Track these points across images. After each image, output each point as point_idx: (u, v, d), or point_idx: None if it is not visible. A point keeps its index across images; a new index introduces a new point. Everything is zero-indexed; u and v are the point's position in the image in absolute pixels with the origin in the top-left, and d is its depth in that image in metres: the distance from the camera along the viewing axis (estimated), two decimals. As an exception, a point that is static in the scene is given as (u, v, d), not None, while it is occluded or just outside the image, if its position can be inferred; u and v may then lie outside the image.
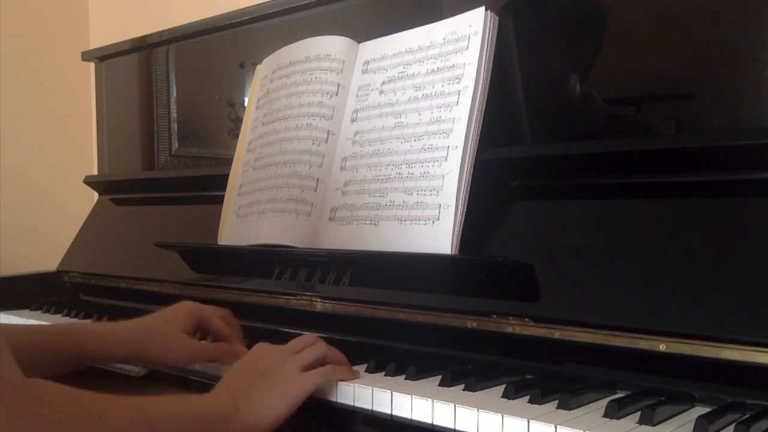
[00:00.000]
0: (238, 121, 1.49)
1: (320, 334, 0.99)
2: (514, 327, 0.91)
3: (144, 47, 1.75)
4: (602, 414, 0.73)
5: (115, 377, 1.07)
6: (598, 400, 0.79)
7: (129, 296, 1.50)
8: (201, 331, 1.08)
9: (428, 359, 0.95)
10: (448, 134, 1.01)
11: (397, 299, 1.02)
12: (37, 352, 0.91)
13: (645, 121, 0.99)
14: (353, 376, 0.88)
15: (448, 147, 1.00)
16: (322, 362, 0.89)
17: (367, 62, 1.17)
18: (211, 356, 1.01)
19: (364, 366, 0.93)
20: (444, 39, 1.07)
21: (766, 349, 0.73)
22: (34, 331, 1.01)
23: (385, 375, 0.90)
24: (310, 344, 0.91)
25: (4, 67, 2.19)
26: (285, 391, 0.83)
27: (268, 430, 0.82)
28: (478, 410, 0.75)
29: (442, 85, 1.04)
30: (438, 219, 0.99)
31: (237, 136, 1.37)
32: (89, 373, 1.02)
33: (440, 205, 0.99)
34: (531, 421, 0.71)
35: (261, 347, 0.90)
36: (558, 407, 0.75)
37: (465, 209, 0.98)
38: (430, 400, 0.79)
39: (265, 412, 0.81)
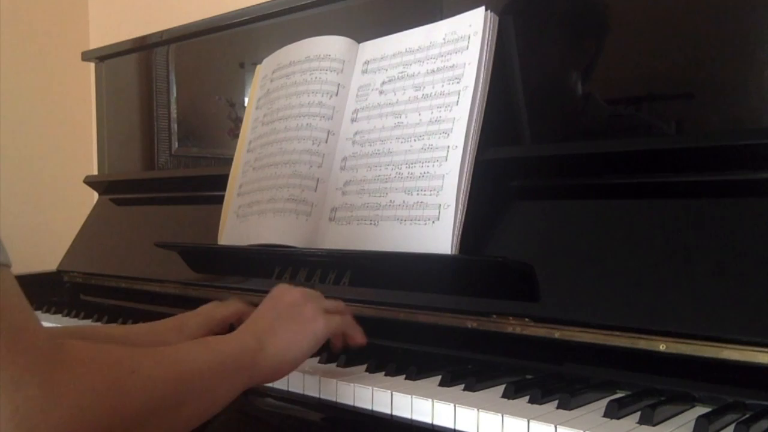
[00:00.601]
0: (238, 121, 1.49)
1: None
2: (514, 327, 0.91)
3: (144, 47, 1.75)
4: (602, 414, 0.73)
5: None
6: (598, 400, 0.79)
7: (129, 296, 1.50)
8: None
9: (428, 359, 0.95)
10: (448, 134, 1.01)
11: (397, 299, 1.02)
12: None
13: (645, 121, 0.99)
14: (363, 340, 0.90)
15: (448, 147, 1.00)
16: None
17: (367, 62, 1.17)
18: None
19: (364, 366, 0.93)
20: (444, 39, 1.07)
21: (766, 349, 0.73)
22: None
23: (385, 375, 0.90)
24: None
25: (5, 67, 2.19)
26: (309, 328, 0.84)
27: (293, 366, 0.83)
28: (478, 410, 0.75)
29: (442, 85, 1.04)
30: (438, 219, 0.99)
31: (237, 136, 1.37)
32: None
33: (440, 205, 0.99)
34: (531, 421, 0.71)
35: (281, 287, 0.90)
36: (558, 407, 0.75)
37: (465, 209, 0.98)
38: (430, 400, 0.79)
39: (291, 348, 0.82)
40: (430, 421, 0.79)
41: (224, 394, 0.75)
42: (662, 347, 0.79)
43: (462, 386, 0.84)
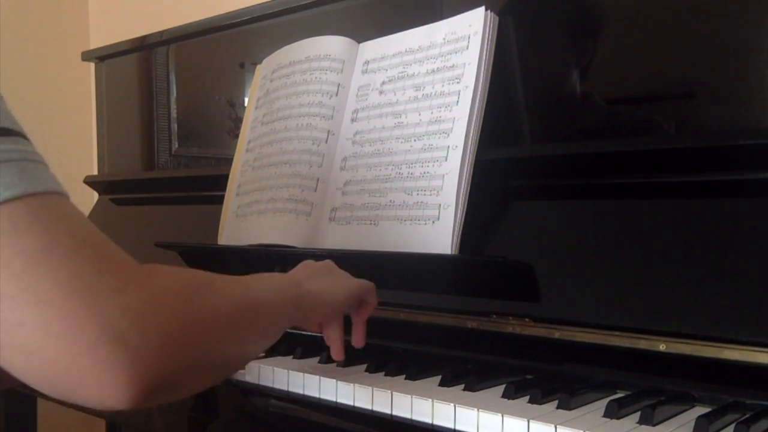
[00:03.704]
0: (238, 121, 1.49)
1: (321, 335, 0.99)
2: (514, 327, 0.91)
3: (144, 47, 1.75)
4: (602, 414, 0.73)
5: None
6: (598, 400, 0.79)
7: (129, 296, 1.50)
8: None
9: (428, 359, 0.95)
10: (448, 134, 1.01)
11: (397, 299, 1.02)
12: None
13: (645, 122, 0.99)
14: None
15: (448, 147, 1.00)
16: None
17: (367, 62, 1.17)
18: None
19: (364, 366, 0.93)
20: (444, 39, 1.06)
21: (766, 349, 0.73)
22: None
23: (385, 375, 0.90)
24: None
25: (5, 67, 2.19)
26: (344, 281, 0.89)
27: (331, 307, 0.86)
28: (478, 410, 0.75)
29: (442, 85, 1.04)
30: (438, 219, 0.99)
31: (237, 136, 1.37)
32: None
33: (440, 205, 0.99)
34: (531, 421, 0.71)
35: (309, 261, 0.94)
36: (558, 407, 0.75)
37: (465, 209, 0.98)
38: (430, 400, 0.79)
39: (326, 293, 0.85)
40: (430, 421, 0.79)
41: (279, 325, 0.77)
42: (662, 347, 0.79)
43: (462, 386, 0.84)
